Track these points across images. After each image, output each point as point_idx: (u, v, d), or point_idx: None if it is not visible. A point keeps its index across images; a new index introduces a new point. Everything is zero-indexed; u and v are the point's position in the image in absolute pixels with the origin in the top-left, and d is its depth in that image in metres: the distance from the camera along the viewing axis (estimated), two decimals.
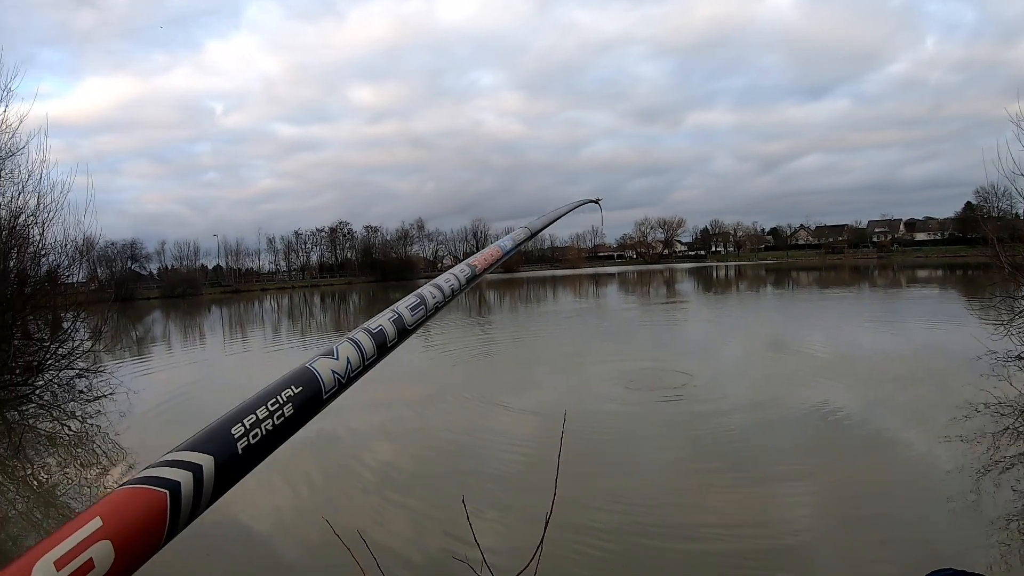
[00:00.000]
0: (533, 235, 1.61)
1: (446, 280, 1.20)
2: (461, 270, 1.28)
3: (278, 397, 0.85)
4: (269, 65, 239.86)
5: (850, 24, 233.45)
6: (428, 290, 1.13)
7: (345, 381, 0.89)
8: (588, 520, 5.96)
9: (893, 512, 5.90)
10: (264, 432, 0.86)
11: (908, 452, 7.65)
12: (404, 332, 1.09)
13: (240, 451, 0.86)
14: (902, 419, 8.91)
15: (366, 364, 0.96)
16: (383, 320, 1.02)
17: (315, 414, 0.90)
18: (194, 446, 0.84)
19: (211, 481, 0.83)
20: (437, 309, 1.15)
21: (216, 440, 0.86)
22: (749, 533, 5.71)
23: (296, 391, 0.81)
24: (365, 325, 1.03)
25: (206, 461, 0.83)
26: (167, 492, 0.77)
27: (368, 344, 1.00)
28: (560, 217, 1.75)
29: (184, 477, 0.80)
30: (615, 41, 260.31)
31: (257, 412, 0.84)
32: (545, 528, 2.85)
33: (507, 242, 1.48)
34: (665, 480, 7.29)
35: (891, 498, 6.28)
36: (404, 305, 1.07)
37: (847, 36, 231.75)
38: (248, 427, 0.89)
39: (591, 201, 1.87)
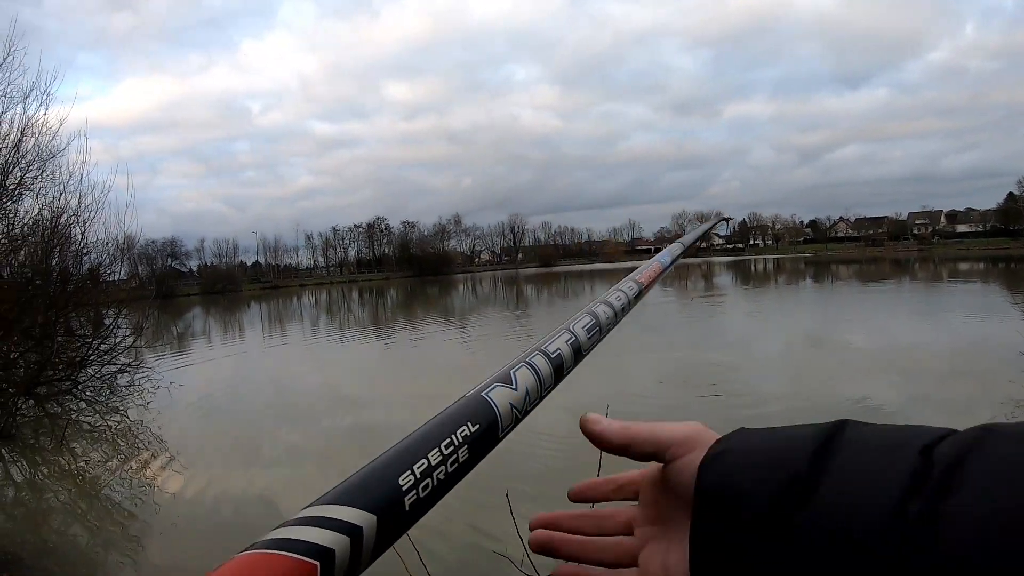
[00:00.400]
0: (686, 249, 1.54)
1: (616, 298, 1.06)
2: (628, 287, 1.15)
3: (453, 437, 0.66)
4: (305, 64, 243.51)
5: (887, 11, 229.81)
6: (600, 308, 0.99)
7: (521, 415, 0.75)
8: None
9: None
10: (436, 482, 0.64)
11: None
12: (579, 355, 0.88)
13: (407, 507, 0.54)
14: (943, 415, 8.61)
15: (542, 393, 0.81)
16: (560, 342, 0.87)
17: (485, 455, 0.71)
18: (351, 500, 0.58)
19: (370, 547, 0.51)
20: (609, 329, 1.01)
21: (380, 493, 0.52)
22: None
23: (473, 429, 0.68)
24: (542, 347, 0.84)
25: (367, 521, 0.51)
26: (317, 564, 0.51)
27: (546, 369, 0.74)
28: (705, 232, 1.73)
29: (340, 543, 0.49)
30: (650, 33, 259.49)
31: (429, 457, 0.53)
32: None
33: (666, 257, 1.35)
34: None
35: None
36: (579, 325, 0.92)
37: (885, 24, 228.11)
38: (419, 476, 0.54)
39: (724, 219, 1.83)
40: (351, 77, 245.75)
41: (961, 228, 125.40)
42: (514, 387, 0.75)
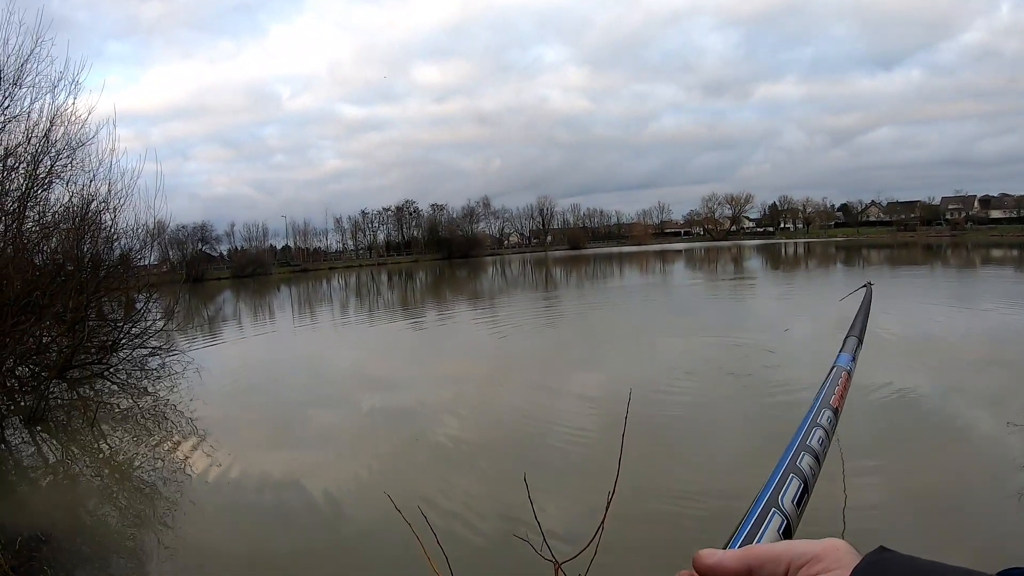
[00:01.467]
0: (861, 341, 1.39)
1: (819, 440, 0.86)
2: (827, 418, 0.93)
3: None
4: (333, 47, 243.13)
5: None
6: (806, 462, 0.80)
7: None
8: (649, 506, 5.83)
9: (964, 505, 5.59)
10: None
11: (981, 440, 7.27)
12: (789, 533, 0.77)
13: None
14: (975, 405, 8.44)
15: None
16: (771, 534, 0.72)
17: None
18: None
19: None
20: (815, 482, 0.84)
21: None
22: (811, 532, 5.47)
23: None
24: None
25: None
26: None
27: None
28: (868, 309, 1.63)
29: None
30: (681, 12, 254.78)
31: None
32: (607, 509, 2.76)
33: (849, 361, 1.18)
34: (724, 461, 7.06)
35: (963, 491, 5.95)
36: (788, 499, 0.74)
37: (919, 3, 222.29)
38: None
39: (871, 284, 1.70)
40: (380, 60, 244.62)
41: (995, 214, 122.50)
42: None
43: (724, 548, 0.63)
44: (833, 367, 1.07)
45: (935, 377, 10.18)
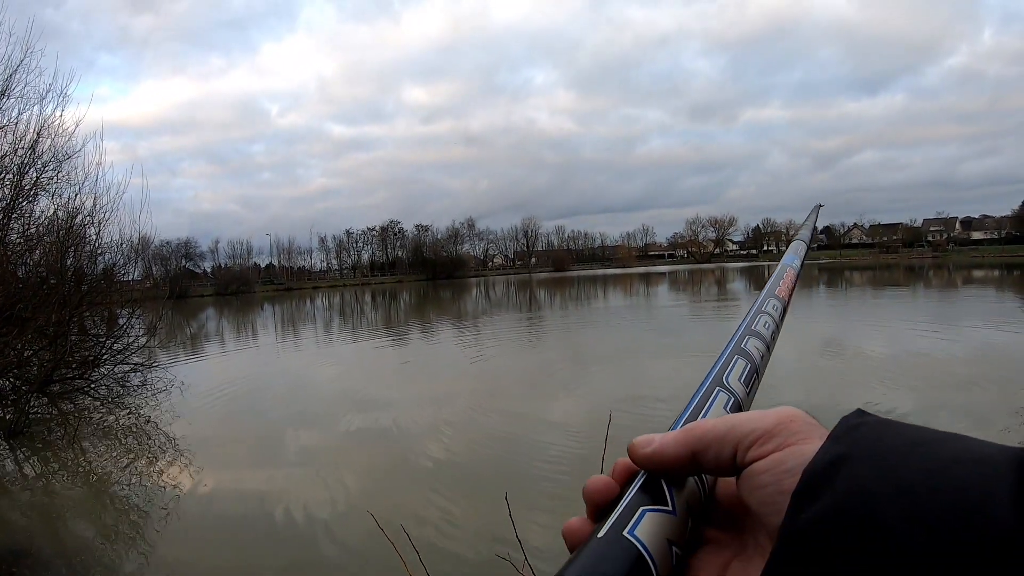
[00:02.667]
0: (809, 247, 1.31)
1: (764, 324, 0.81)
2: (772, 306, 0.87)
3: None
4: (324, 66, 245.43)
5: (906, 16, 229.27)
6: (751, 344, 0.74)
7: (685, 552, 0.47)
8: None
9: None
10: None
11: None
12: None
13: None
14: (958, 423, 8.51)
15: (706, 493, 0.52)
16: (716, 409, 0.61)
17: None
18: None
19: None
20: (764, 369, 0.76)
21: None
22: None
23: None
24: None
25: None
26: None
27: None
28: (815, 223, 1.53)
29: None
30: (669, 36, 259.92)
31: None
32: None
33: (795, 260, 1.09)
34: None
35: None
36: (734, 376, 0.67)
37: (903, 28, 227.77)
38: None
39: (819, 206, 1.61)
40: (370, 79, 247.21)
41: (976, 235, 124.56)
42: (670, 507, 0.48)
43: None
44: (783, 266, 1.03)
45: (919, 397, 10.28)
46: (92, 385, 13.27)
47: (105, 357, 13.77)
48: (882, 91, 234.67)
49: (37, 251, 13.12)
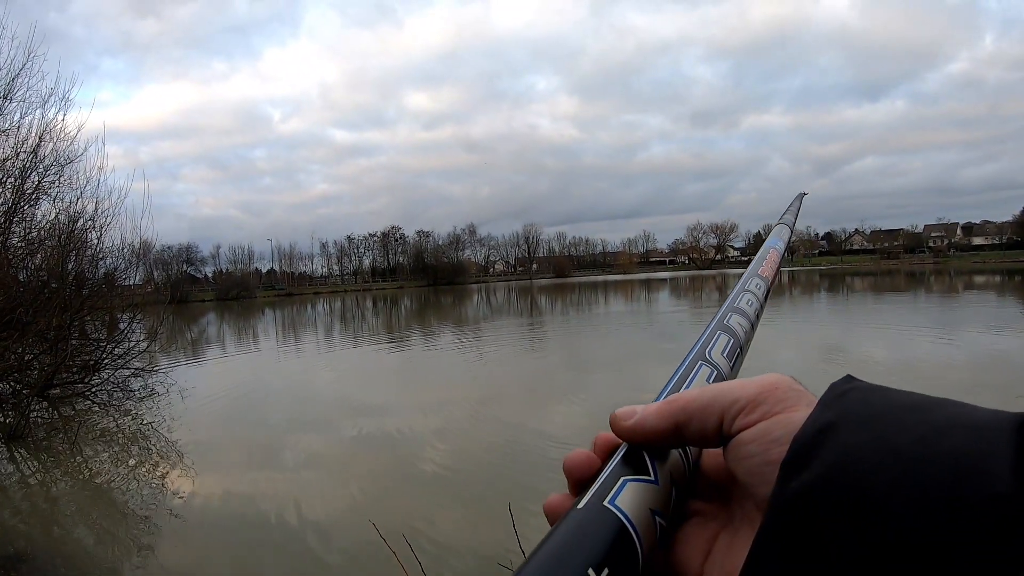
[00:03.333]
0: (792, 231, 1.30)
1: (748, 302, 0.81)
2: (756, 284, 0.88)
3: None
4: (326, 71, 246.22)
5: (907, 22, 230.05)
6: (734, 320, 0.73)
7: (668, 523, 0.46)
8: None
9: None
10: None
11: None
12: None
13: None
14: None
15: (690, 467, 0.51)
16: (699, 382, 0.60)
17: None
18: None
19: None
20: (748, 345, 0.75)
21: None
22: None
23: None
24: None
25: None
26: None
27: None
28: (799, 210, 1.51)
29: None
30: (671, 43, 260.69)
31: None
32: None
33: (779, 242, 1.09)
34: None
35: None
36: (717, 351, 0.66)
37: (904, 34, 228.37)
38: None
39: (803, 194, 1.60)
40: (372, 85, 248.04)
41: (977, 240, 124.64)
42: (652, 477, 0.47)
43: None
44: (766, 248, 1.04)
45: None
46: (93, 389, 13.27)
47: (106, 361, 13.78)
48: (883, 97, 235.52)
49: (38, 255, 13.15)
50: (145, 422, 11.84)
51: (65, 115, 13.55)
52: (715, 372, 0.61)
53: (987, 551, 0.30)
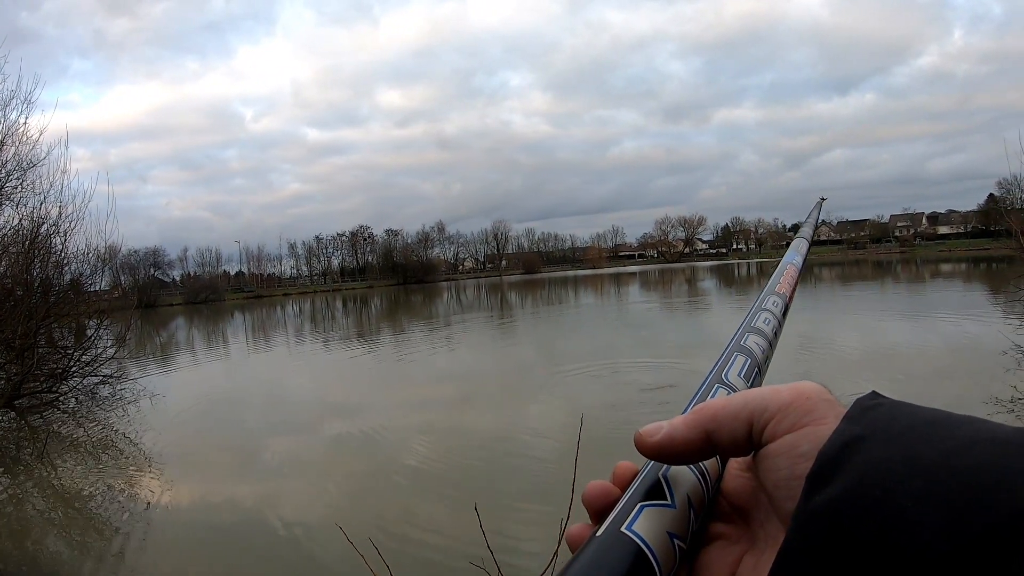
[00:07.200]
0: (811, 244, 1.29)
1: (764, 320, 0.80)
2: (773, 302, 0.86)
3: None
4: (300, 69, 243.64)
5: (878, 17, 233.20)
6: (752, 341, 0.72)
7: (687, 545, 0.46)
8: None
9: None
10: None
11: None
12: None
13: None
14: None
15: (709, 493, 0.50)
16: None
17: None
18: None
19: None
20: (767, 365, 0.74)
21: None
22: None
23: None
24: None
25: None
26: None
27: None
28: (818, 219, 1.50)
29: None
30: (646, 39, 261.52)
31: None
32: (561, 535, 2.73)
33: (796, 256, 1.07)
34: None
35: None
36: (734, 373, 0.65)
37: (875, 29, 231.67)
38: None
39: (822, 199, 1.58)
40: (346, 83, 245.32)
41: (943, 230, 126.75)
42: (669, 501, 0.47)
43: None
44: (784, 264, 1.04)
45: (896, 388, 10.41)
46: (61, 398, 13.07)
47: (74, 369, 13.57)
48: (853, 91, 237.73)
49: (2, 262, 12.90)
50: (115, 430, 11.69)
51: (28, 118, 13.31)
52: (731, 393, 0.60)
53: (1011, 566, 0.30)
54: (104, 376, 14.38)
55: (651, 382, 11.85)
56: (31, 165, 13.41)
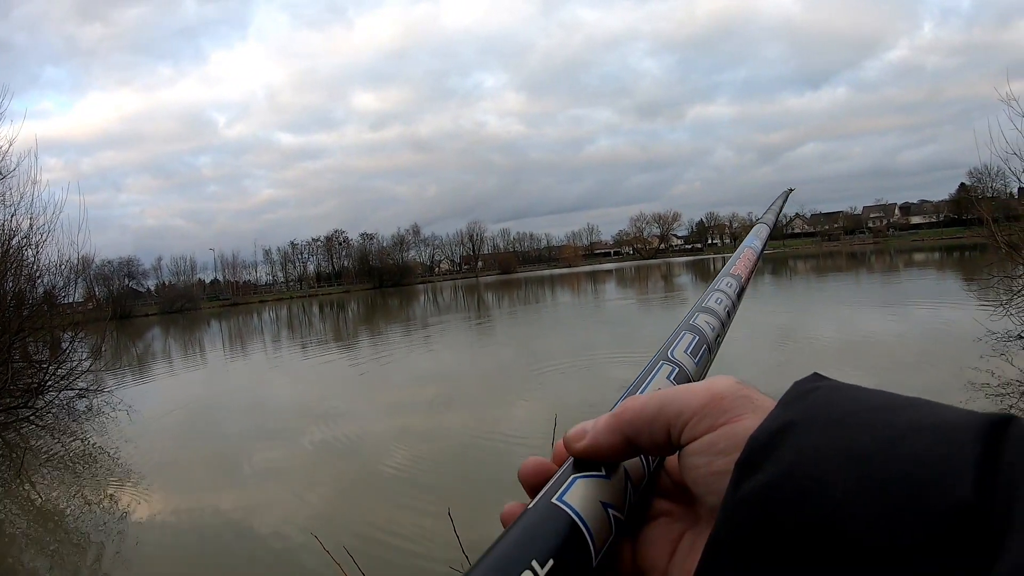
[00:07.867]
0: (772, 229, 1.34)
1: (717, 300, 0.80)
2: (727, 283, 0.88)
3: None
4: (274, 74, 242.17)
5: (849, 12, 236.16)
6: (701, 319, 0.73)
7: (625, 517, 0.47)
8: None
9: None
10: None
11: None
12: None
13: None
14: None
15: (651, 468, 0.51)
16: (659, 380, 0.62)
17: None
18: None
19: None
20: (718, 344, 0.75)
21: None
22: None
23: (544, 570, 0.40)
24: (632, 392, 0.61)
25: None
26: None
27: None
28: (781, 207, 1.53)
29: None
30: (619, 38, 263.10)
31: None
32: None
33: (755, 241, 1.12)
34: None
35: None
36: (680, 349, 0.66)
37: (846, 24, 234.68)
38: None
39: (788, 191, 1.64)
40: (319, 86, 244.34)
41: (915, 220, 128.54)
42: (602, 472, 0.48)
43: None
44: (743, 247, 1.09)
45: (873, 377, 10.55)
46: (37, 413, 12.94)
47: (50, 383, 13.45)
48: (825, 85, 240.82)
49: None
50: (93, 443, 11.60)
51: None
52: (676, 370, 0.64)
53: (945, 561, 0.29)
54: (80, 389, 14.26)
55: (629, 378, 11.89)
56: (1, 177, 13.30)
